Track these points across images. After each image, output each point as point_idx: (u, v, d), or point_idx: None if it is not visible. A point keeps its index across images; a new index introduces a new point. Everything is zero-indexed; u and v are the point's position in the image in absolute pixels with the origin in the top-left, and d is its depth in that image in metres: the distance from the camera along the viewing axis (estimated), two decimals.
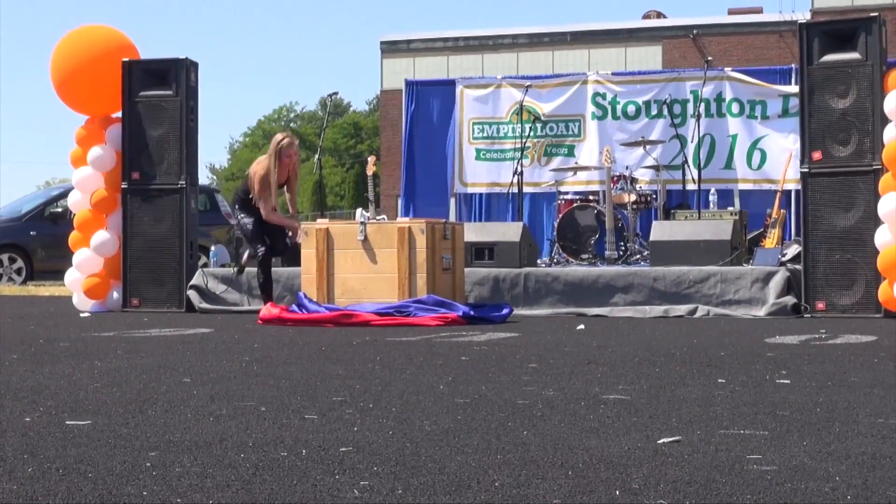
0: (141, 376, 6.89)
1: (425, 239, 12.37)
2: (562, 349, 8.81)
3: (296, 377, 6.83)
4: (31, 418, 5.15)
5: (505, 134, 20.33)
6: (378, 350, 8.77)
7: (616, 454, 4.19)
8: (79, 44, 15.23)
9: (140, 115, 14.86)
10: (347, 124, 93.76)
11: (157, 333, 10.75)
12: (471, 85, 21.22)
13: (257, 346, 9.26)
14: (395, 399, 5.76)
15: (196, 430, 4.78)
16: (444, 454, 4.21)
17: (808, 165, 12.88)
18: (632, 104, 19.87)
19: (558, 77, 21.47)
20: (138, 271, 14.82)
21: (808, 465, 3.95)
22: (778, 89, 19.16)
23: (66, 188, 23.51)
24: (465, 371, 7.17)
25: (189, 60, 14.95)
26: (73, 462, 4.07)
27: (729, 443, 4.41)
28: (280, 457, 4.16)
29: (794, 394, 5.89)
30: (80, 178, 15.01)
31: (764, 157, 19.14)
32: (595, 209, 16.64)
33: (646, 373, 7.00)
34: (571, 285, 13.71)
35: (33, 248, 23.53)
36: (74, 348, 9.03)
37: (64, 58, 15.10)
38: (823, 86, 12.84)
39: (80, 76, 14.93)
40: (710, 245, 13.78)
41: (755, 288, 13.13)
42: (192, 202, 14.95)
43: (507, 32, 40.63)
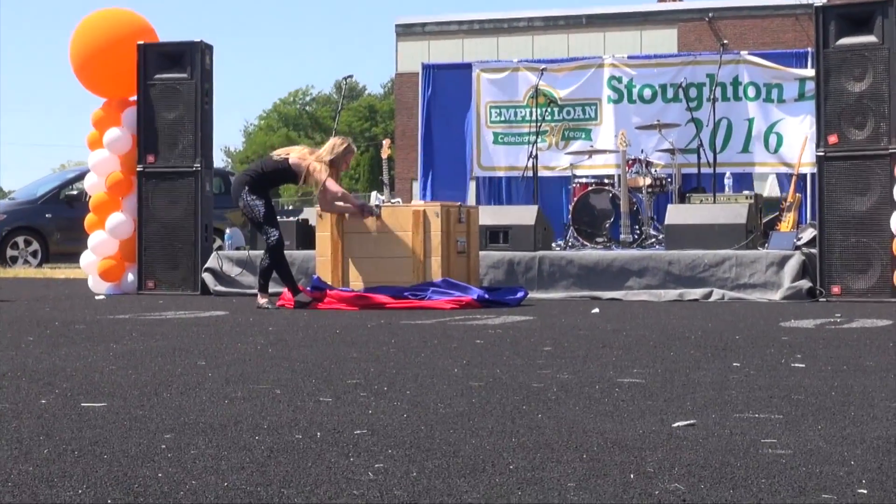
0: (156, 359, 6.90)
1: (440, 222, 12.37)
2: (576, 332, 8.81)
3: (310, 360, 6.84)
4: (46, 400, 5.16)
5: (522, 118, 20.29)
6: (393, 333, 8.78)
7: (631, 438, 4.19)
8: (97, 27, 15.24)
9: (155, 99, 14.87)
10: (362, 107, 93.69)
11: (172, 316, 10.76)
12: (487, 69, 21.19)
13: (272, 328, 9.27)
14: (409, 382, 5.77)
15: (211, 413, 4.79)
16: (458, 437, 4.21)
17: (823, 149, 12.85)
18: (648, 88, 19.82)
19: (574, 61, 21.41)
20: (153, 254, 14.84)
21: (823, 449, 3.95)
22: (794, 73, 19.10)
23: (81, 171, 23.52)
24: (479, 354, 7.17)
25: (204, 43, 14.94)
26: (88, 444, 4.08)
27: (744, 427, 4.41)
28: (295, 439, 4.17)
29: (809, 378, 5.89)
30: (96, 161, 15.03)
31: (780, 141, 19.09)
32: (610, 193, 16.60)
33: (660, 356, 6.99)
34: (586, 269, 13.70)
35: (49, 230, 23.55)
36: (90, 331, 9.05)
37: (83, 41, 15.11)
38: (839, 69, 12.80)
39: (98, 59, 14.94)
40: (726, 229, 13.75)
41: (770, 272, 13.10)
42: (207, 185, 14.96)
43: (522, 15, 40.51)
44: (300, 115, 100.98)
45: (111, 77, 14.98)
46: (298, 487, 3.42)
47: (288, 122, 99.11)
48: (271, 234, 12.13)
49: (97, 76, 15.08)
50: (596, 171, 18.70)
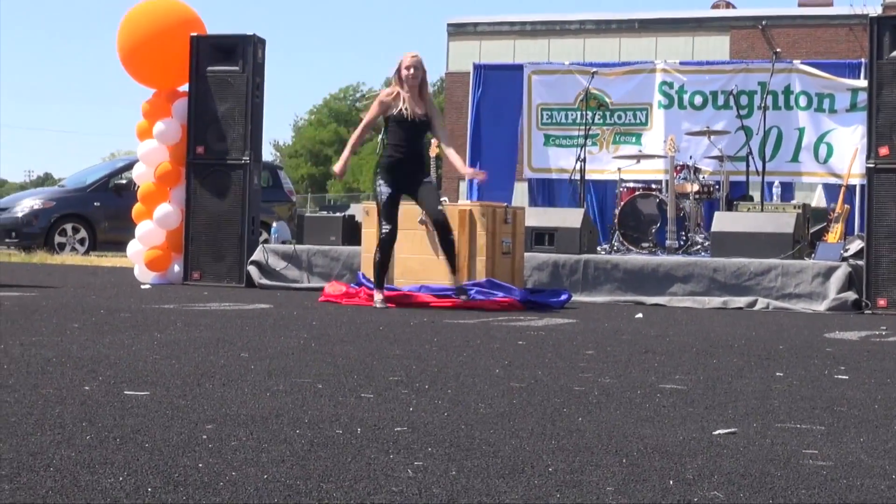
0: (199, 349, 6.93)
1: (486, 222, 12.37)
2: (619, 337, 8.79)
3: (353, 356, 6.85)
4: (90, 387, 5.19)
5: (573, 120, 20.27)
6: (435, 331, 8.78)
7: (671, 444, 4.18)
8: (145, 17, 15.30)
9: (207, 91, 14.93)
10: None
11: (216, 307, 10.80)
12: (539, 70, 21.17)
13: (315, 323, 9.29)
14: (450, 381, 5.77)
15: (252, 405, 4.81)
16: (498, 437, 4.21)
17: (874, 160, 12.78)
18: (699, 94, 19.77)
19: (626, 65, 21.37)
20: (200, 245, 14.90)
21: (865, 462, 3.93)
22: (846, 83, 19.00)
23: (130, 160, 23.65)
24: (521, 355, 7.17)
25: (257, 37, 15.00)
26: (130, 432, 4.10)
27: (785, 437, 4.39)
28: (335, 434, 4.18)
29: (852, 390, 5.86)
30: (145, 151, 15.11)
31: (830, 151, 18.99)
32: (657, 198, 16.56)
33: (703, 363, 6.97)
34: (631, 273, 13.67)
35: (97, 218, 23.69)
36: (135, 319, 9.09)
37: (130, 31, 15.19)
38: (893, 80, 12.72)
39: (146, 49, 15.02)
40: (772, 238, 13.70)
41: (816, 282, 13.03)
42: (256, 178, 15.01)
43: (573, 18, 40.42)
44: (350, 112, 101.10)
45: (158, 68, 15.05)
46: (337, 482, 3.43)
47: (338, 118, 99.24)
48: (383, 228, 11.60)
49: (144, 66, 15.16)
50: (644, 175, 18.66)
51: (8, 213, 23.82)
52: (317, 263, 14.62)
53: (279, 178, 25.08)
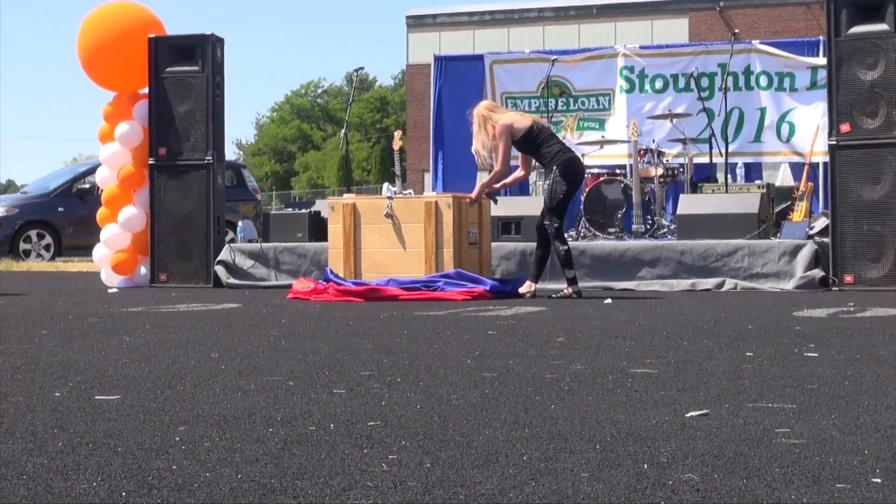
0: (169, 351, 6.91)
1: (452, 213, 12.37)
2: (589, 323, 8.81)
3: (323, 352, 6.84)
4: (60, 393, 5.17)
5: (536, 108, 20.27)
6: (405, 324, 8.78)
7: (644, 428, 4.19)
8: (104, 20, 15.25)
9: (167, 91, 14.89)
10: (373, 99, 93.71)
11: (184, 309, 10.78)
12: (500, 59, 21.19)
13: (285, 321, 9.28)
14: (422, 373, 5.77)
15: (224, 405, 4.80)
16: (471, 428, 4.21)
17: (836, 138, 12.83)
18: (659, 78, 19.81)
19: (586, 51, 21.41)
20: (166, 247, 14.87)
21: (837, 439, 3.95)
22: (806, 61, 19.07)
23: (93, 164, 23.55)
24: (492, 345, 7.17)
25: (215, 36, 14.96)
26: (102, 437, 4.09)
27: (757, 416, 4.41)
28: (308, 431, 4.17)
29: (822, 367, 5.88)
30: (107, 155, 15.05)
31: (792, 130, 19.07)
32: (622, 183, 16.59)
33: (673, 346, 6.99)
34: (598, 259, 13.70)
35: (61, 224, 23.59)
36: (103, 324, 9.06)
37: (90, 34, 15.13)
38: (851, 58, 12.77)
39: (105, 52, 14.97)
40: (738, 218, 13.74)
41: (783, 261, 13.09)
42: (219, 177, 14.98)
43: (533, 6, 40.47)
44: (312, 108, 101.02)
45: (119, 70, 15.00)
46: (312, 479, 3.42)
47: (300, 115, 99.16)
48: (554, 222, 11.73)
49: (105, 70, 15.10)
50: (608, 161, 18.70)
51: None
52: (284, 261, 14.60)
53: (243, 177, 25.03)
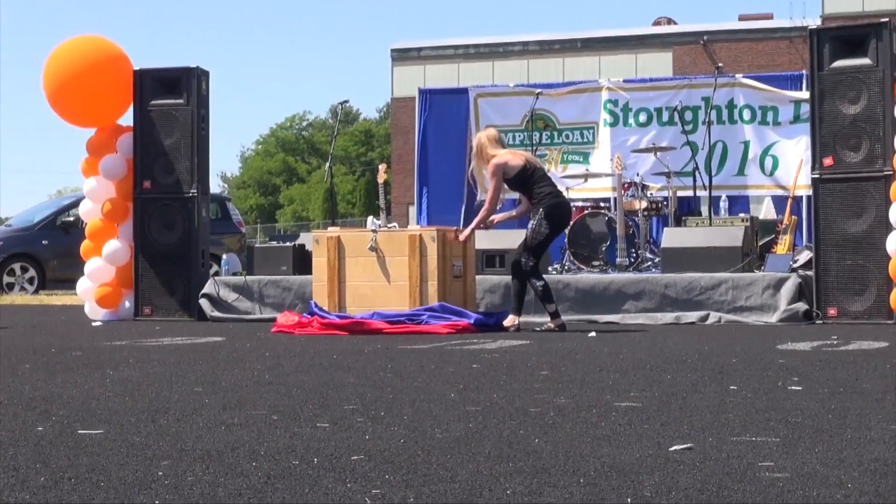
0: (153, 385, 6.89)
1: (436, 246, 12.37)
2: (573, 356, 8.81)
3: (307, 385, 6.83)
4: (43, 428, 5.16)
5: (520, 141, 20.30)
6: (390, 358, 8.77)
7: (628, 462, 4.18)
8: (68, 56, 15.05)
9: (151, 124, 14.88)
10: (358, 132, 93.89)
11: (168, 342, 10.75)
12: (484, 93, 21.24)
13: (269, 354, 9.26)
14: (406, 407, 5.77)
15: (208, 439, 4.79)
16: (455, 462, 4.21)
17: (819, 171, 12.87)
18: (643, 111, 19.86)
19: (571, 85, 21.46)
20: (150, 280, 14.84)
21: (821, 472, 3.95)
22: (789, 95, 19.14)
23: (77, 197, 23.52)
24: (476, 379, 7.17)
25: (200, 69, 14.97)
26: (85, 471, 4.07)
27: (741, 450, 4.41)
28: (292, 465, 4.17)
29: (805, 400, 5.89)
30: (91, 188, 15.03)
31: (776, 164, 19.12)
32: (606, 216, 16.62)
33: (657, 380, 6.99)
34: (583, 292, 13.70)
35: (45, 257, 23.54)
36: (87, 357, 9.04)
37: (53, 70, 14.95)
38: (834, 91, 12.82)
39: (71, 90, 14.75)
40: (722, 251, 13.76)
41: (767, 294, 13.11)
42: (204, 210, 14.97)
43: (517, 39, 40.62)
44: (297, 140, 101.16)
45: (87, 106, 14.83)
46: None
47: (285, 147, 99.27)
48: (530, 260, 11.90)
49: (72, 106, 14.91)
50: (592, 194, 18.72)
51: None
52: (268, 294, 14.58)
53: (228, 210, 25.02)
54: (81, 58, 15.06)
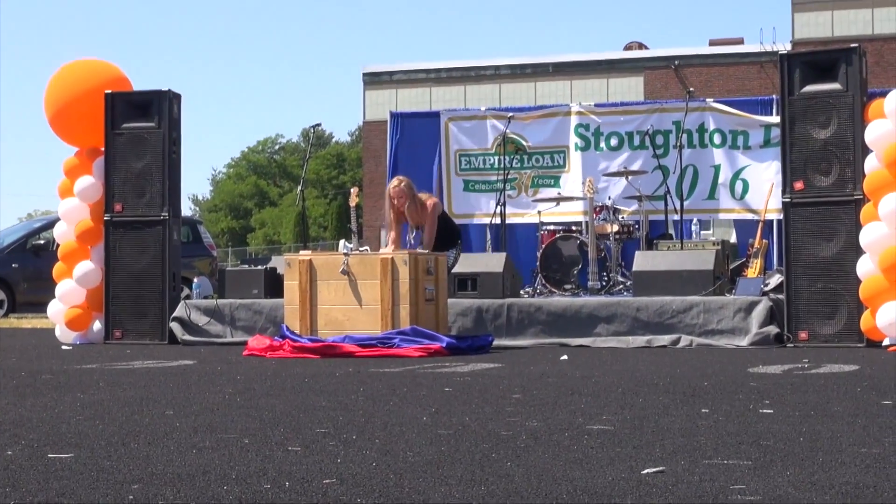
0: (123, 409, 6.87)
1: (408, 270, 12.37)
2: (545, 380, 8.81)
3: (279, 409, 6.82)
4: (13, 451, 5.13)
5: (491, 165, 20.33)
6: (361, 381, 8.76)
7: (600, 485, 4.18)
8: (71, 77, 15.25)
9: (123, 147, 14.86)
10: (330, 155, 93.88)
11: (139, 365, 10.72)
12: (455, 117, 21.25)
13: (240, 377, 9.24)
14: (378, 430, 5.76)
15: (179, 463, 4.77)
16: (427, 485, 4.20)
17: (789, 195, 12.91)
18: (615, 135, 19.90)
19: (541, 108, 21.49)
20: (121, 303, 14.79)
21: (792, 495, 3.96)
22: (759, 119, 19.21)
23: (48, 220, 23.49)
24: (448, 402, 7.16)
25: (172, 92, 14.96)
26: (55, 495, 4.05)
27: (713, 473, 4.41)
28: (263, 489, 4.15)
29: (777, 423, 5.90)
30: (66, 210, 15.00)
31: (746, 188, 19.17)
32: (578, 240, 16.65)
33: (629, 403, 7.00)
34: (554, 315, 13.71)
35: (15, 280, 23.46)
36: (57, 381, 9.00)
37: (57, 91, 15.12)
38: (804, 116, 12.88)
39: (72, 109, 14.95)
40: (693, 275, 13.79)
41: (738, 318, 13.13)
42: (175, 234, 14.93)
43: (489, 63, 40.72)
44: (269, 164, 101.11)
45: (85, 126, 14.97)
46: None
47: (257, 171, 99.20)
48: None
49: (71, 126, 15.08)
50: (564, 218, 18.73)
51: None
52: (240, 317, 14.55)
53: (199, 233, 24.97)
54: (85, 79, 15.15)
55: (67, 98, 15.03)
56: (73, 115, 15.00)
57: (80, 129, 15.06)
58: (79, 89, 15.06)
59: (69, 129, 15.13)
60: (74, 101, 14.97)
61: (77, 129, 15.08)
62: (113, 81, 15.18)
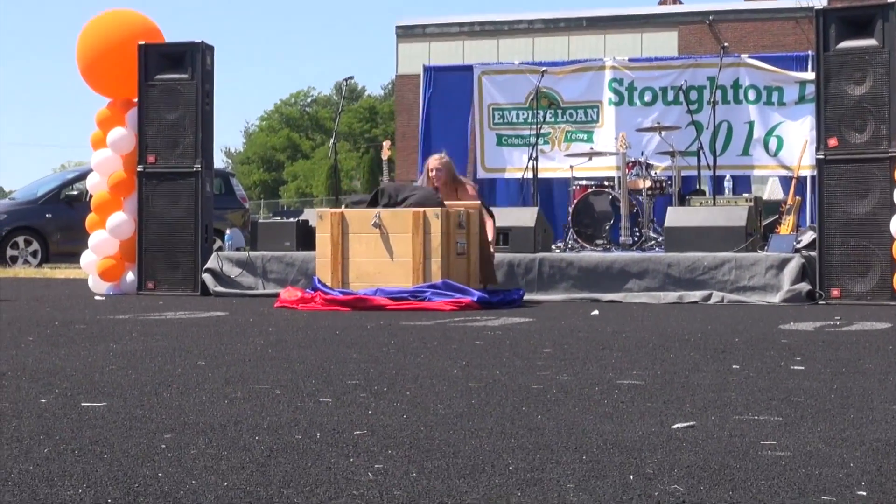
0: (156, 359, 6.90)
1: (440, 223, 12.36)
2: (576, 334, 8.81)
3: (310, 361, 6.84)
4: (46, 400, 5.17)
5: (524, 119, 20.30)
6: (392, 334, 8.78)
7: (630, 439, 4.19)
8: (104, 28, 15.26)
9: (156, 99, 14.87)
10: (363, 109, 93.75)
11: (171, 316, 10.76)
12: (489, 71, 21.21)
13: (272, 329, 9.27)
14: (409, 383, 5.77)
15: (211, 413, 4.79)
16: (458, 438, 4.22)
17: (823, 152, 12.85)
18: (648, 90, 19.84)
19: (575, 63, 21.43)
20: (153, 254, 14.84)
21: (823, 451, 3.95)
22: (794, 76, 19.12)
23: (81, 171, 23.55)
24: (479, 355, 7.17)
25: (205, 44, 14.95)
26: (88, 443, 4.08)
27: (743, 428, 4.41)
28: (294, 439, 4.17)
29: (808, 380, 5.89)
30: (99, 161, 15.04)
31: (780, 144, 19.11)
32: (610, 195, 16.62)
33: (660, 358, 7.00)
34: (586, 271, 13.70)
35: (49, 230, 23.56)
36: (90, 331, 9.05)
37: (89, 42, 15.14)
38: (839, 72, 12.79)
39: (104, 60, 14.96)
40: (725, 231, 13.75)
41: (770, 274, 13.10)
42: (208, 185, 14.95)
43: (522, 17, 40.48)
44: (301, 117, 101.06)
45: (117, 78, 14.98)
46: (298, 487, 3.42)
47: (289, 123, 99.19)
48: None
49: (103, 77, 15.10)
50: (596, 173, 18.71)
51: None
52: (272, 269, 14.58)
53: (231, 185, 25.01)
54: (118, 30, 15.17)
55: (100, 49, 15.05)
56: (105, 67, 15.02)
57: (112, 81, 15.08)
58: (111, 40, 15.07)
59: (102, 81, 15.16)
60: (107, 53, 14.99)
61: (110, 80, 15.10)
62: (145, 33, 15.18)
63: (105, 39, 15.10)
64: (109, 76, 15.05)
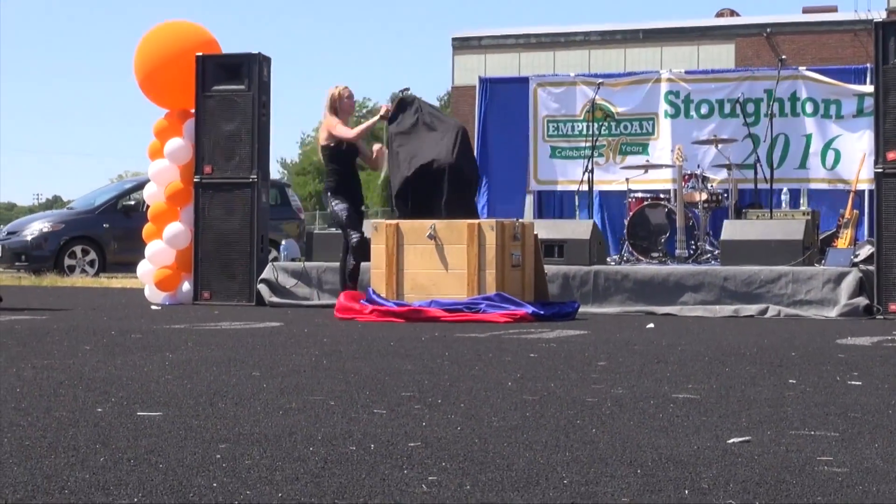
0: (211, 369, 6.93)
1: (495, 235, 12.35)
2: (631, 347, 8.78)
3: (365, 372, 6.85)
4: (102, 409, 5.20)
5: (579, 132, 20.26)
6: (447, 346, 8.78)
7: (685, 453, 4.17)
8: (162, 39, 15.40)
9: (213, 110, 14.96)
10: None
11: (227, 326, 10.81)
12: (544, 83, 21.18)
13: (326, 340, 9.29)
14: (463, 395, 5.77)
15: (265, 424, 4.81)
16: (512, 450, 4.21)
17: (882, 165, 12.76)
18: (705, 103, 19.75)
19: (631, 75, 21.37)
20: (209, 264, 14.91)
21: (880, 468, 3.92)
22: (852, 89, 18.98)
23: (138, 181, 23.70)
24: (533, 368, 7.16)
25: (262, 55, 15.02)
26: (143, 453, 4.10)
27: (799, 444, 4.38)
28: (349, 451, 4.18)
29: (865, 395, 5.84)
30: (156, 171, 15.15)
31: (838, 158, 18.97)
32: (666, 207, 16.57)
33: (716, 372, 6.96)
34: (641, 283, 13.66)
35: (106, 240, 23.72)
36: (146, 340, 9.10)
37: (147, 53, 15.28)
38: None
39: (162, 71, 15.09)
40: (782, 245, 13.67)
41: (827, 288, 13.01)
42: (264, 196, 15.02)
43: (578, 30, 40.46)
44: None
45: (175, 89, 15.10)
46: (352, 499, 3.42)
47: None
48: (353, 237, 13.08)
49: (161, 88, 15.22)
50: (652, 185, 18.65)
51: (17, 237, 23.88)
52: (327, 280, 14.61)
53: (287, 196, 25.10)
54: (176, 41, 15.31)
55: (158, 60, 15.16)
56: (163, 78, 15.14)
57: (170, 92, 15.19)
58: (169, 52, 15.19)
59: (159, 92, 15.27)
60: (165, 64, 15.10)
61: (167, 91, 15.21)
62: (202, 44, 15.29)
63: (163, 51, 15.22)
64: (167, 87, 15.16)
